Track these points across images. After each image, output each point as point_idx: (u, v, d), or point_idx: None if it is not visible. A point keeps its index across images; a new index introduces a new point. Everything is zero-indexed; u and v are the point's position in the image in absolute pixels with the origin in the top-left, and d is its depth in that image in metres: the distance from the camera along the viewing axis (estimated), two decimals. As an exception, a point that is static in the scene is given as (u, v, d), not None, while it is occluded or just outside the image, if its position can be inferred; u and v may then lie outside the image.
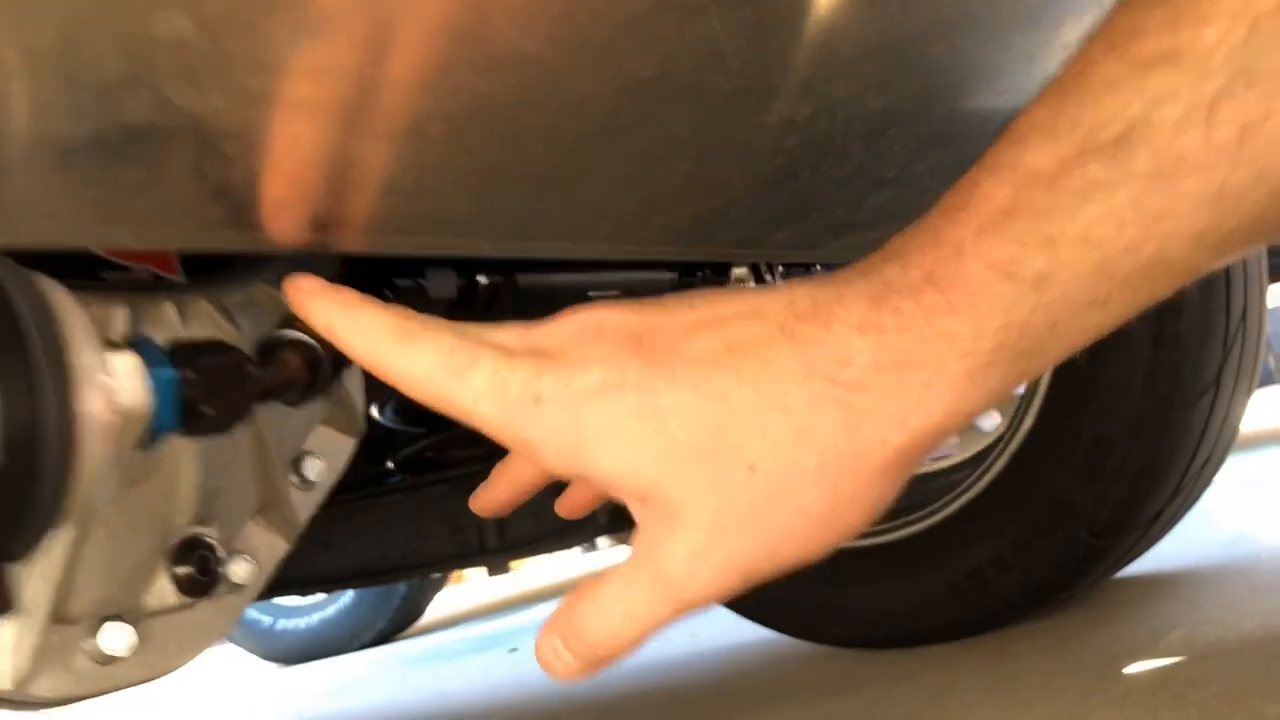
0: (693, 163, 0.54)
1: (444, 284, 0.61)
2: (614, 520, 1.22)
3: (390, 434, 1.40)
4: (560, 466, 0.40)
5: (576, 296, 0.67)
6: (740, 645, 1.66)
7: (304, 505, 0.77)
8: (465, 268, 0.62)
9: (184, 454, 0.64)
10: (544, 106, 0.43)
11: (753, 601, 1.52)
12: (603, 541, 5.66)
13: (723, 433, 0.38)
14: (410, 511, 1.36)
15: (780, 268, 0.85)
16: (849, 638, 1.44)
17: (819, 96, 0.54)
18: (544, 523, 1.33)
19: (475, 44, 0.38)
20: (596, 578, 0.40)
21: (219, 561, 0.67)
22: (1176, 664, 1.00)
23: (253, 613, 3.33)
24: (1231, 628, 1.10)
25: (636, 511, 0.40)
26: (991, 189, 0.35)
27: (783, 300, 0.39)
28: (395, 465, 1.37)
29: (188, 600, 0.66)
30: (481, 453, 1.35)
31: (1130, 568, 1.37)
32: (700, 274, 0.79)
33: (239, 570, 0.70)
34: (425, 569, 1.38)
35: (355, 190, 0.43)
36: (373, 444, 1.44)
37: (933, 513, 1.37)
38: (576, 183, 0.51)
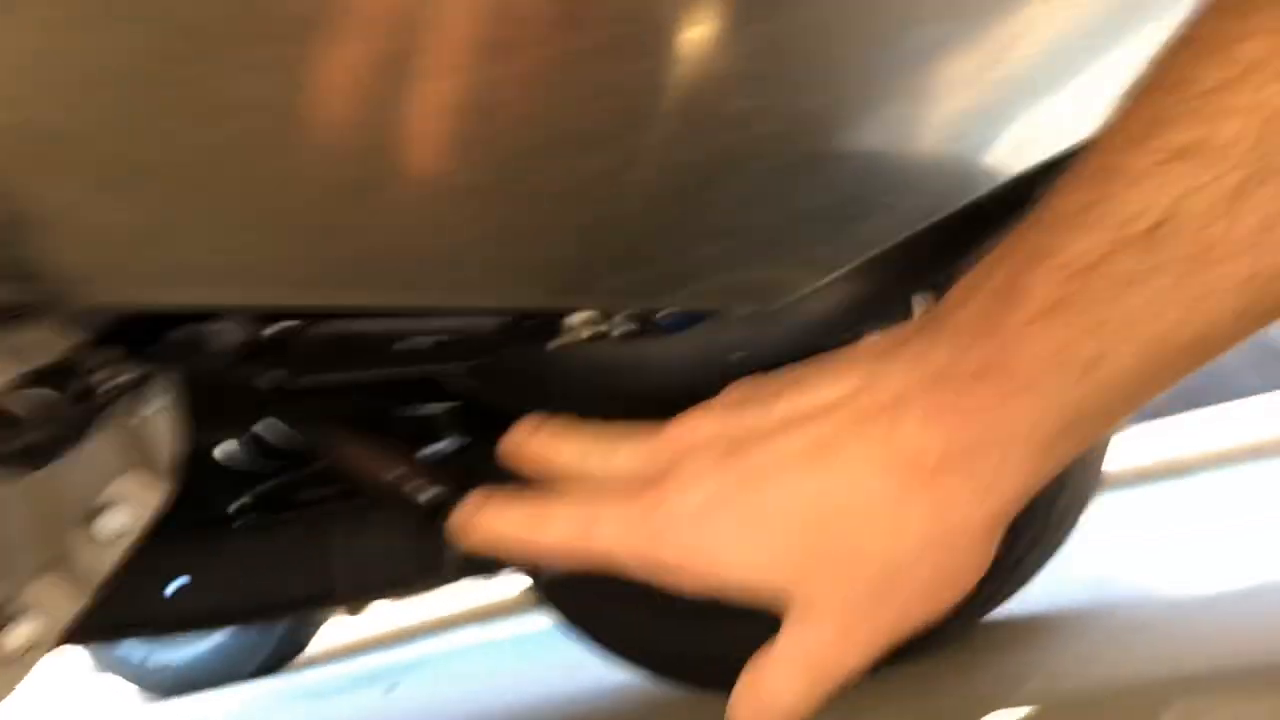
0: (497, 208, 0.51)
1: (226, 336, 0.57)
2: (468, 566, 1.17)
3: (241, 471, 1.34)
4: (700, 588, 0.43)
5: (380, 345, 0.63)
6: (626, 685, 1.62)
7: (102, 559, 0.71)
8: (257, 316, 0.58)
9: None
10: (301, 150, 0.40)
11: (629, 642, 1.49)
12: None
13: (829, 531, 0.40)
14: (258, 553, 1.30)
15: (620, 315, 0.81)
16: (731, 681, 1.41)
17: (632, 146, 0.51)
18: (398, 567, 1.28)
19: (194, 87, 0.34)
20: (755, 673, 0.43)
21: (-5, 624, 0.62)
22: (1036, 712, 0.99)
23: (126, 644, 3.20)
24: (1090, 676, 1.10)
25: (775, 610, 0.42)
26: (1036, 280, 0.37)
27: (852, 389, 0.42)
28: (244, 505, 1.31)
29: (-51, 669, 0.61)
30: (333, 491, 1.30)
31: (995, 612, 1.36)
32: (533, 321, 0.76)
33: (21, 633, 0.65)
34: (278, 612, 1.32)
35: (74, 238, 0.39)
36: (222, 482, 1.38)
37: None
38: (360, 230, 0.48)
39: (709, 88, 0.50)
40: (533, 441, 0.50)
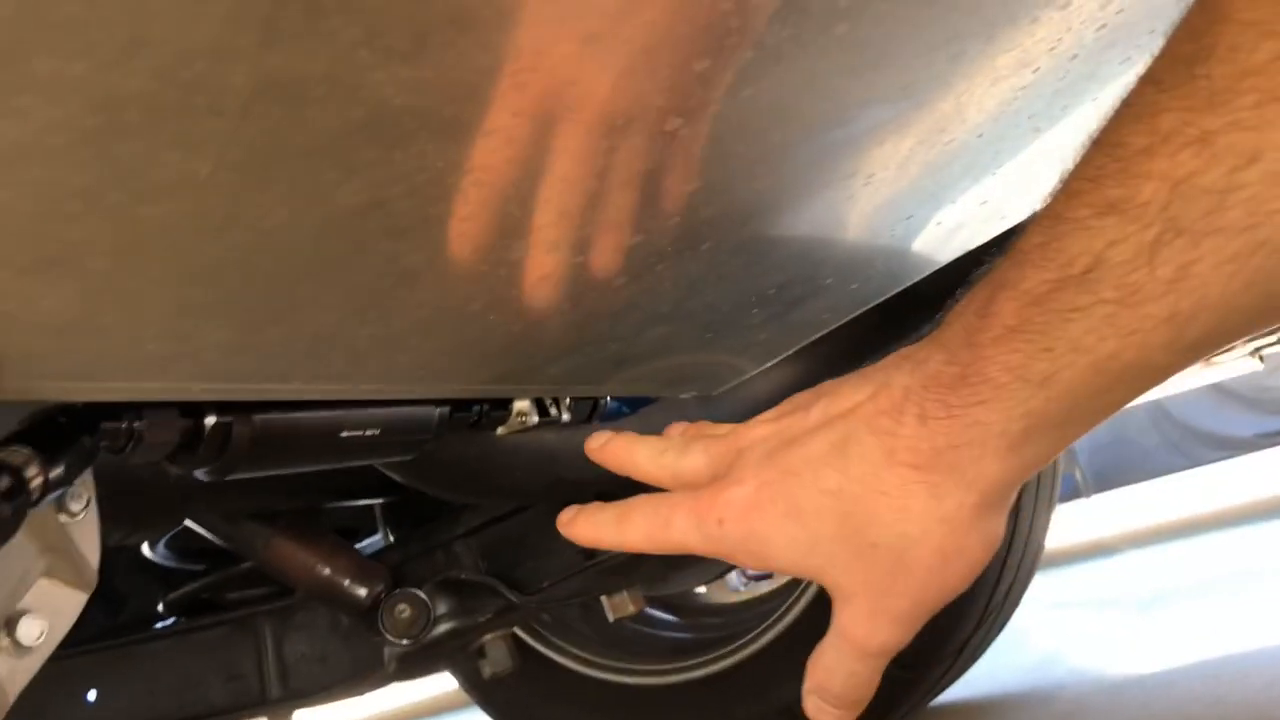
0: (432, 296, 0.50)
1: (163, 427, 0.54)
2: (403, 667, 1.14)
3: (162, 572, 1.29)
4: (758, 567, 0.53)
5: (325, 435, 0.61)
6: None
7: (18, 673, 0.67)
8: (192, 408, 0.56)
9: None
10: (231, 235, 0.38)
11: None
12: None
13: (846, 520, 0.48)
14: (183, 657, 1.24)
15: (566, 400, 0.80)
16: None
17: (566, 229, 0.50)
18: (331, 670, 1.23)
19: (127, 163, 0.32)
20: (814, 656, 0.52)
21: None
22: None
23: (36, 761, 3.03)
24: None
25: (829, 593, 0.50)
26: (1001, 304, 0.43)
27: (869, 394, 0.49)
28: (167, 607, 1.26)
29: None
30: (260, 592, 1.26)
31: (941, 696, 1.35)
32: (477, 408, 0.74)
33: (-71, 752, 0.60)
34: (200, 721, 1.26)
35: (-2, 330, 0.37)
36: (143, 583, 1.33)
37: (744, 646, 1.33)
38: (291, 318, 0.46)
39: (652, 184, 0.50)
40: (615, 443, 0.60)
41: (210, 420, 0.56)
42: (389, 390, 0.58)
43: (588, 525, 0.57)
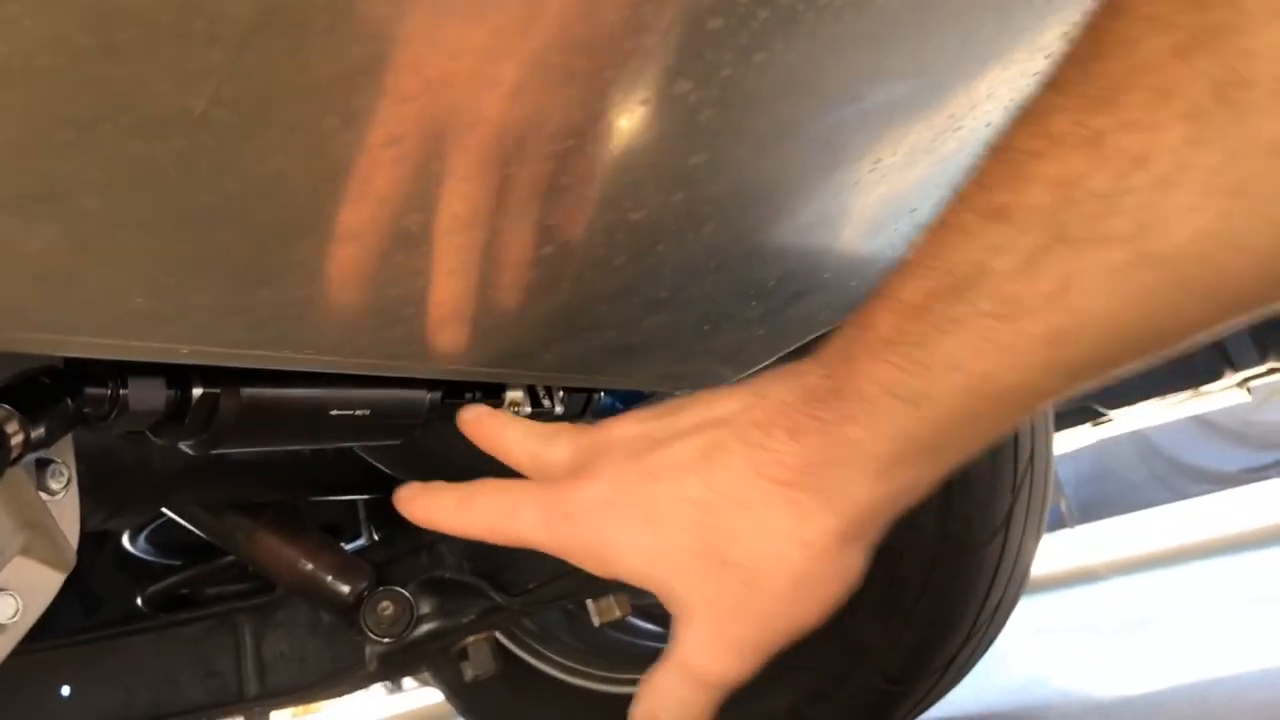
0: (429, 264, 0.49)
1: (149, 394, 0.53)
2: (384, 667, 1.12)
3: (141, 566, 1.27)
4: (598, 571, 0.48)
5: (313, 412, 0.60)
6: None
7: (-10, 650, 0.66)
8: (179, 378, 0.54)
9: None
10: (226, 181, 0.37)
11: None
12: (409, 681, 5.41)
13: (702, 531, 0.45)
14: (161, 653, 1.22)
15: (560, 392, 0.79)
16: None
17: (571, 201, 0.49)
18: (310, 669, 1.21)
19: (119, 92, 0.31)
20: (650, 675, 0.48)
21: None
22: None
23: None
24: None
25: (670, 608, 0.47)
26: (879, 316, 0.40)
27: (744, 404, 0.46)
28: (145, 602, 1.24)
29: None
30: (240, 589, 1.24)
31: (925, 714, 1.34)
32: (469, 395, 0.73)
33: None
34: (176, 719, 1.24)
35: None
36: (121, 577, 1.31)
37: (728, 657, 1.31)
38: (283, 279, 0.45)
39: (658, 153, 0.49)
40: (487, 420, 0.57)
41: (197, 391, 0.55)
42: (380, 365, 0.56)
43: (427, 506, 0.53)
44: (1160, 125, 0.32)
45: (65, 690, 1.21)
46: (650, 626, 1.57)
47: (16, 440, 0.45)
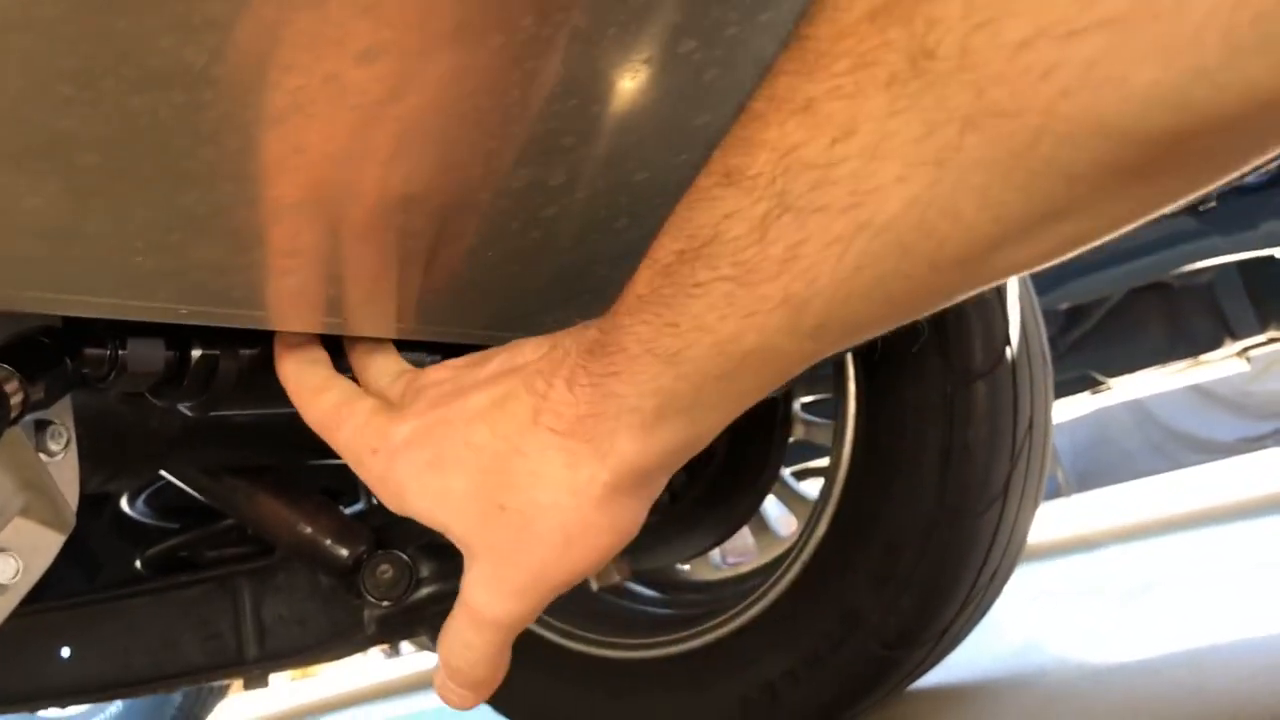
0: (430, 225, 0.48)
1: (148, 355, 0.53)
2: (383, 630, 1.12)
3: (140, 529, 1.27)
4: (394, 508, 0.50)
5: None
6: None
7: (-9, 610, 0.66)
8: (177, 339, 0.54)
9: None
10: (226, 136, 0.36)
11: (543, 716, 1.44)
12: (407, 646, 5.45)
13: (483, 476, 0.46)
14: (159, 616, 1.22)
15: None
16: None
17: (574, 161, 0.49)
18: (309, 631, 1.22)
19: (122, 44, 0.31)
20: (447, 621, 0.49)
21: None
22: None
23: (7, 724, 3.02)
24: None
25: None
26: (640, 274, 0.41)
27: (536, 354, 0.47)
28: (144, 565, 1.24)
29: None
30: (240, 552, 1.24)
31: (921, 680, 1.35)
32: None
33: (-105, 689, 0.59)
34: (175, 680, 1.25)
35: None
36: (120, 540, 1.31)
37: (725, 622, 1.32)
38: (283, 245, 0.44)
39: (662, 114, 0.48)
40: (358, 344, 0.57)
41: (196, 353, 0.54)
42: (380, 329, 0.56)
43: (292, 368, 0.55)
44: (863, 94, 0.33)
45: (65, 652, 1.22)
46: (648, 592, 1.58)
47: (16, 400, 0.45)
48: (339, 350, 0.57)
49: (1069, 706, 1.20)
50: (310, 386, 0.54)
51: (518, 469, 0.45)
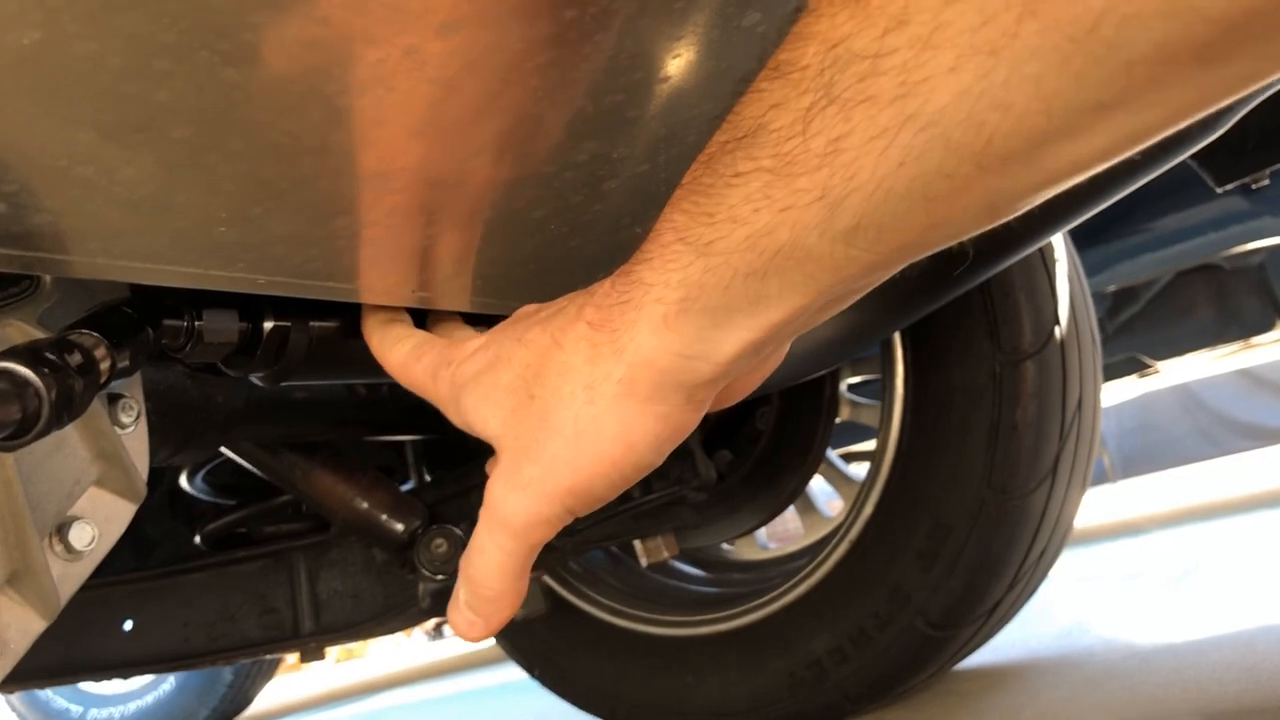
0: (499, 197, 0.49)
1: (223, 326, 0.54)
2: (437, 603, 1.14)
3: (198, 506, 1.30)
4: (455, 419, 0.51)
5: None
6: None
7: (69, 578, 0.68)
8: (250, 311, 0.56)
9: (-94, 514, 0.55)
10: (310, 110, 0.38)
11: (590, 691, 1.46)
12: (450, 629, 5.49)
13: (524, 369, 0.47)
14: (217, 591, 1.25)
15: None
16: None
17: (636, 133, 0.50)
18: (363, 606, 1.24)
19: (217, 19, 0.32)
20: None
21: (-49, 641, 0.58)
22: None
23: (61, 701, 3.09)
24: (1066, 720, 1.09)
25: None
26: (692, 166, 0.42)
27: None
28: (203, 540, 1.27)
29: (-92, 686, 0.57)
30: (296, 528, 1.27)
31: (968, 659, 1.35)
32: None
33: (-20, 649, 0.61)
34: (233, 654, 1.27)
35: (76, 197, 0.37)
36: (180, 517, 1.34)
37: (773, 600, 1.33)
38: (367, 214, 0.46)
39: (728, 87, 0.49)
40: (430, 315, 0.60)
41: (269, 324, 0.56)
42: (456, 302, 0.58)
43: (376, 325, 0.56)
44: None
45: (128, 624, 1.25)
46: (693, 570, 1.59)
47: (104, 366, 0.47)
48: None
49: (1117, 685, 1.20)
50: (392, 336, 0.55)
51: (553, 361, 0.46)
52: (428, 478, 1.30)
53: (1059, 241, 1.23)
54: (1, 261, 0.40)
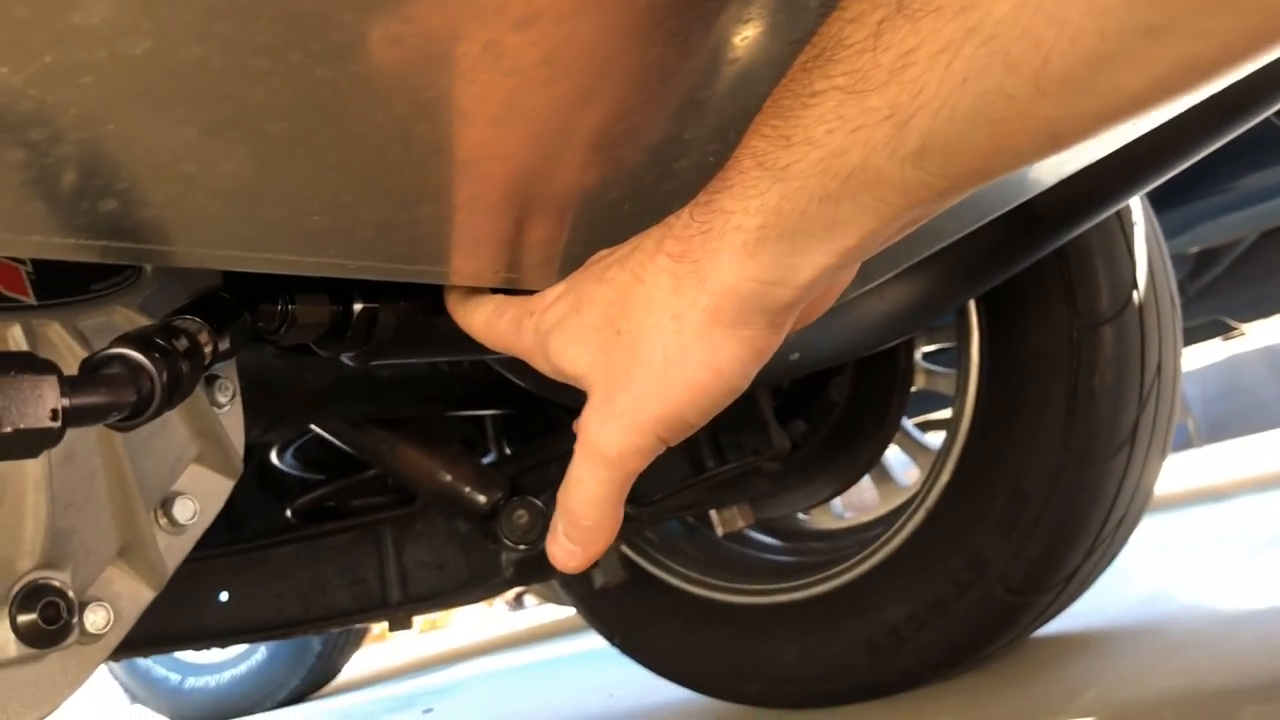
0: (578, 179, 0.51)
1: (315, 309, 0.57)
2: (519, 573, 1.17)
3: (288, 481, 1.34)
4: (541, 366, 0.52)
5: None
6: (658, 705, 1.61)
7: (173, 550, 0.72)
8: (340, 294, 0.58)
9: (29, 489, 0.59)
10: (396, 103, 0.40)
11: (669, 659, 1.49)
12: (530, 600, 5.58)
13: (607, 306, 0.48)
14: (309, 563, 1.30)
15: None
16: (765, 696, 1.40)
17: (707, 114, 0.51)
18: (449, 576, 1.28)
19: (309, 20, 0.34)
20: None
21: (70, 609, 0.62)
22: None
23: (160, 670, 3.21)
24: (1146, 687, 1.09)
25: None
26: (773, 91, 0.42)
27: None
28: (294, 514, 1.31)
29: (31, 652, 0.61)
30: (382, 501, 1.31)
31: (1047, 627, 1.35)
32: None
33: (94, 619, 0.65)
34: (324, 623, 1.32)
35: (179, 190, 0.39)
36: (270, 491, 1.39)
37: (850, 568, 1.34)
38: (445, 193, 0.48)
39: (791, 58, 0.50)
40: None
41: (358, 306, 0.59)
42: (528, 281, 0.60)
43: (458, 296, 0.58)
44: None
45: (224, 596, 1.30)
46: (768, 539, 1.61)
47: (208, 349, 0.49)
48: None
49: (1199, 652, 1.19)
50: (473, 302, 0.57)
51: (636, 295, 0.47)
52: (508, 451, 1.33)
53: (1136, 204, 1.22)
54: (114, 254, 0.42)
